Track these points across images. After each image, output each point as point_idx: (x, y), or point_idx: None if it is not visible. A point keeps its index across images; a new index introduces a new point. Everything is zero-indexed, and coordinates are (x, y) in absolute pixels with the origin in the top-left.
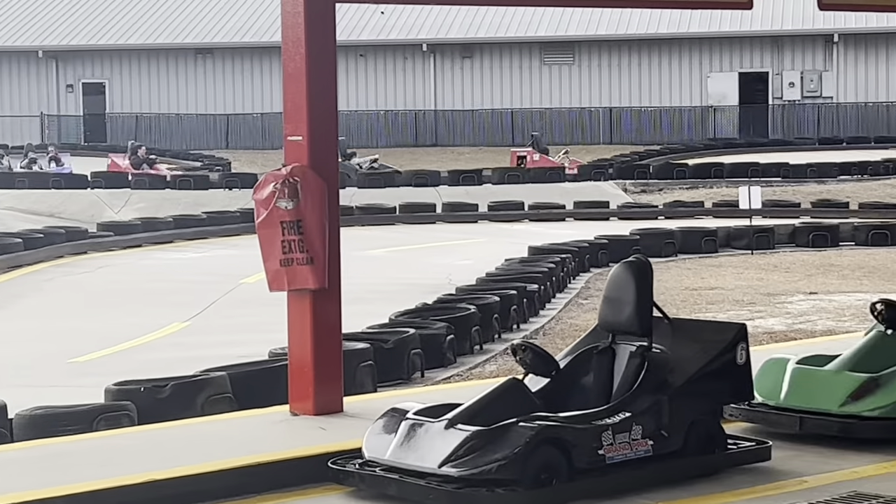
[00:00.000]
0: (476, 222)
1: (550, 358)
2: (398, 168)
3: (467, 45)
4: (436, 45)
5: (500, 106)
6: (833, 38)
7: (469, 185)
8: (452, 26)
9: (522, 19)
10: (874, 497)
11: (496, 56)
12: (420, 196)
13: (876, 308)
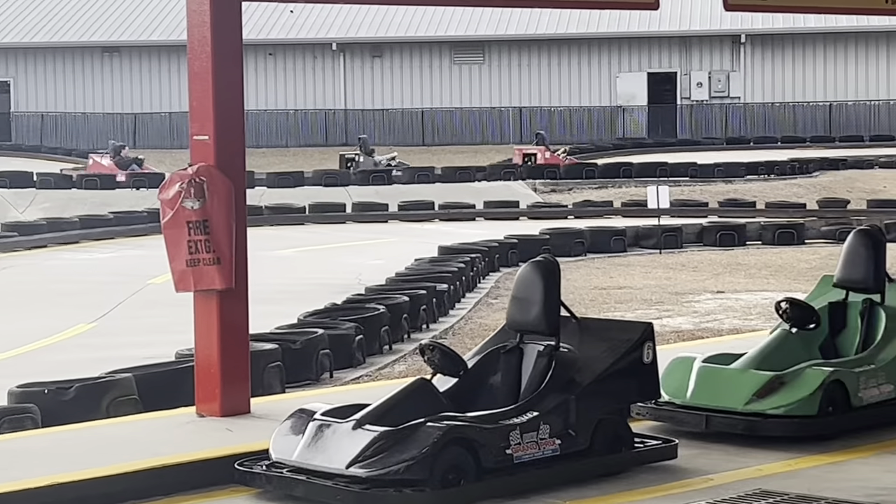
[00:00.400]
0: (386, 222)
1: (458, 358)
2: (303, 168)
3: (377, 44)
4: (345, 44)
5: (410, 105)
6: (740, 38)
7: (379, 185)
8: (362, 25)
9: (433, 19)
10: (778, 494)
11: (406, 55)
12: (330, 196)
13: (781, 307)
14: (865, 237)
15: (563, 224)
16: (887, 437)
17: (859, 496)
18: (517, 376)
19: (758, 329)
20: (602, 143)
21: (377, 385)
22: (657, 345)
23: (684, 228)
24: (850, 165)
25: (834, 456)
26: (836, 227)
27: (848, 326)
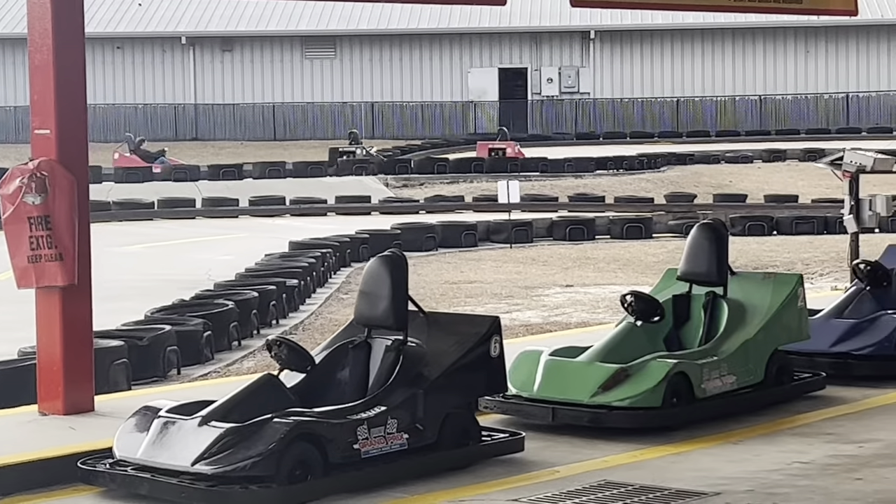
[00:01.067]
0: (237, 217)
1: (305, 353)
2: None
3: (227, 38)
4: (195, 37)
5: (261, 100)
6: (589, 34)
7: (230, 180)
8: (212, 19)
9: (283, 13)
10: (623, 485)
11: (257, 50)
12: (179, 191)
13: (626, 300)
14: (708, 231)
15: (414, 219)
16: (730, 428)
17: (702, 486)
18: (365, 371)
19: (605, 322)
20: (454, 139)
21: (225, 381)
22: (506, 339)
23: (534, 223)
24: (697, 160)
25: (678, 447)
26: (683, 221)
27: (691, 319)
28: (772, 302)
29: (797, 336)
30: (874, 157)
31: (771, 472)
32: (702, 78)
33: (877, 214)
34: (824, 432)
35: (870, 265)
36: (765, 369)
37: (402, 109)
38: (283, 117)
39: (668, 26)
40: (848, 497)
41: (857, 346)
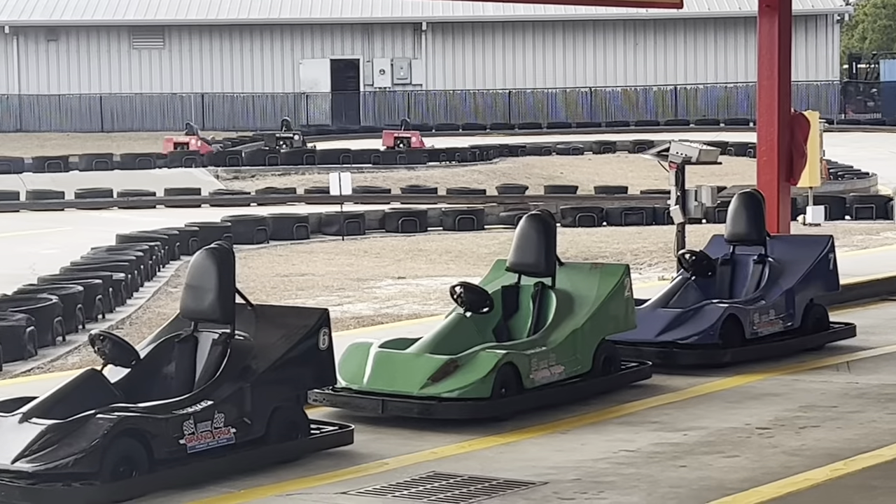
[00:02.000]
0: (63, 210)
1: (130, 347)
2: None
3: (52, 27)
4: (19, 26)
5: (88, 91)
6: (421, 26)
7: (55, 172)
8: (36, 7)
9: (110, 2)
10: (451, 476)
11: (83, 39)
12: (2, 183)
13: (455, 291)
14: (536, 222)
15: (245, 211)
16: (558, 417)
17: (530, 476)
18: (192, 365)
19: (436, 314)
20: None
21: (48, 377)
22: (336, 331)
23: (367, 215)
24: (529, 152)
25: (506, 437)
26: (515, 212)
27: (520, 309)
28: (599, 292)
29: (624, 326)
30: (699, 148)
31: (597, 461)
32: (533, 70)
33: (702, 205)
34: (650, 421)
35: (695, 255)
36: (592, 359)
37: (233, 101)
38: (111, 108)
39: (499, 18)
40: (672, 484)
41: (682, 336)
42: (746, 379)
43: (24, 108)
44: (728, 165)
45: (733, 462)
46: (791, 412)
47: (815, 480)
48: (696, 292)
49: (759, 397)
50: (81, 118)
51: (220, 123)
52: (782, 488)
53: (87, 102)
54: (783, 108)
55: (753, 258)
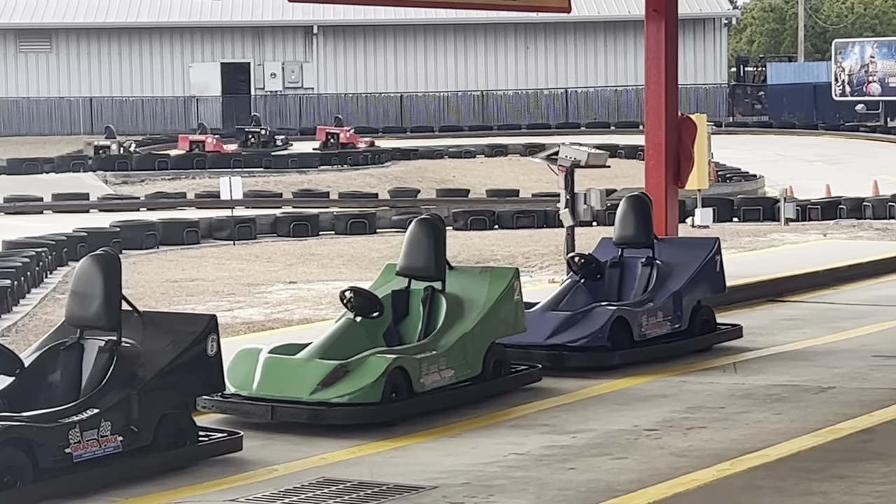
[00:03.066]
0: None
1: (13, 355)
2: None
3: None
4: None
5: None
6: (312, 29)
7: None
8: None
9: None
10: (341, 482)
11: None
12: None
13: (346, 296)
14: (426, 226)
15: (135, 216)
16: (448, 421)
17: (420, 481)
18: (78, 373)
19: (328, 318)
20: (175, 133)
21: None
22: (226, 336)
23: (258, 219)
24: (421, 156)
25: (397, 441)
26: (407, 216)
27: (410, 313)
28: (489, 296)
29: (514, 329)
30: (588, 152)
31: (487, 465)
32: (425, 73)
33: (592, 208)
34: (540, 423)
35: (584, 258)
36: (482, 362)
37: (122, 104)
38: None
39: (391, 21)
40: (560, 487)
41: (572, 338)
42: (635, 381)
43: None
44: (618, 168)
45: (621, 464)
46: (678, 413)
47: (702, 481)
48: (585, 295)
49: (648, 399)
50: None
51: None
52: (670, 489)
53: None
54: (670, 112)
55: (642, 261)
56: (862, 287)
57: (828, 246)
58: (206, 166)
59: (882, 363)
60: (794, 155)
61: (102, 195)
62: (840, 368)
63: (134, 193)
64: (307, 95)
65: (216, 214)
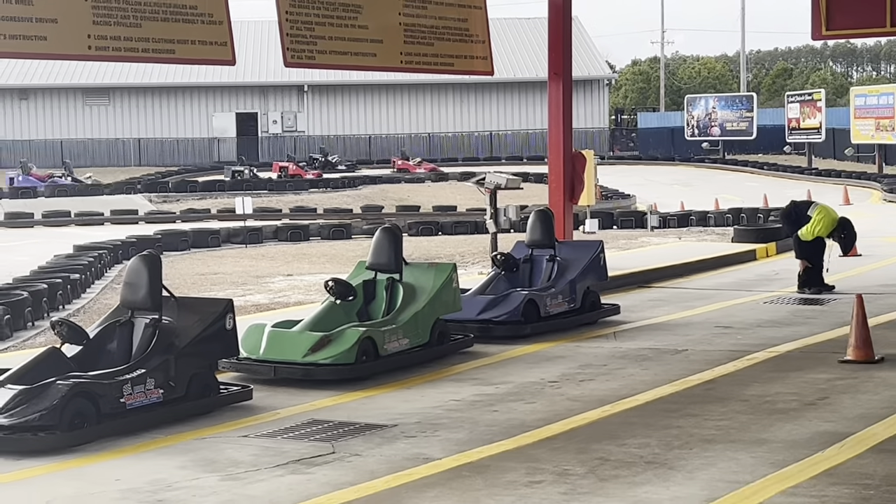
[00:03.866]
0: (33, 227)
1: (82, 330)
2: None
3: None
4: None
5: (52, 136)
6: (304, 87)
7: (26, 198)
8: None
9: (69, 69)
10: (326, 421)
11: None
12: None
13: (328, 285)
14: (388, 233)
15: (172, 227)
16: (404, 377)
17: (384, 420)
18: (129, 343)
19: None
20: (202, 165)
21: (21, 353)
22: (239, 315)
23: (264, 228)
24: (385, 181)
25: (367, 392)
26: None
27: (376, 297)
28: (434, 284)
29: (453, 308)
30: (507, 177)
31: (434, 408)
32: (387, 119)
33: (509, 219)
34: (472, 378)
35: (504, 256)
36: (430, 333)
37: (162, 144)
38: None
39: (362, 82)
40: (487, 424)
41: (495, 315)
42: (541, 346)
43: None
44: (529, 190)
45: (532, 407)
46: (573, 370)
47: (590, 419)
48: (505, 283)
49: (551, 359)
50: (45, 157)
51: (153, 161)
52: (567, 425)
53: (51, 146)
54: (567, 148)
55: (546, 258)
56: (707, 276)
57: (682, 246)
58: (225, 189)
59: (721, 332)
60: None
61: (148, 211)
62: (691, 336)
63: (171, 210)
64: (300, 136)
65: (232, 225)
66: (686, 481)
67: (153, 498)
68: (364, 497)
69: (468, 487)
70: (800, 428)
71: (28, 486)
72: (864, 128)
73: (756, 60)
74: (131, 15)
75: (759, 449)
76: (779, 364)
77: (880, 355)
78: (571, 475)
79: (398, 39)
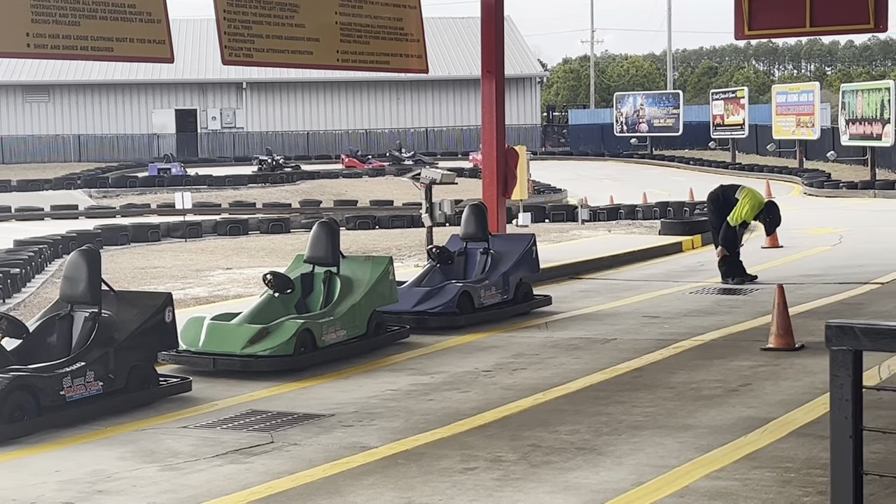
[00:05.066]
0: None
1: (21, 324)
2: None
3: None
4: None
5: None
6: (242, 84)
7: None
8: None
9: (8, 66)
10: (264, 412)
11: None
12: None
13: (267, 278)
14: (325, 227)
15: (112, 221)
16: (342, 368)
17: (322, 410)
18: (69, 336)
19: (254, 295)
20: (142, 161)
21: None
22: (178, 308)
23: (203, 223)
24: (322, 176)
25: (305, 383)
26: (313, 219)
27: (314, 290)
28: (371, 276)
29: (389, 300)
30: (442, 173)
31: (370, 398)
32: (325, 116)
33: (444, 213)
34: (408, 368)
35: (439, 249)
36: (367, 325)
37: (102, 139)
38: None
39: (300, 79)
40: (423, 413)
41: (431, 306)
42: (476, 336)
43: None
44: (464, 185)
45: (466, 395)
46: (507, 359)
47: (523, 406)
48: (440, 275)
49: (485, 349)
50: None
51: (93, 157)
52: (500, 413)
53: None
54: (500, 144)
55: (480, 250)
56: (635, 268)
57: (611, 239)
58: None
59: (649, 321)
60: (587, 175)
61: (88, 206)
62: (620, 325)
63: (112, 205)
64: (239, 133)
65: (172, 219)
66: (615, 466)
67: (93, 489)
68: (302, 485)
69: (404, 475)
70: (724, 413)
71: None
72: (786, 124)
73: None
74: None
75: (684, 434)
76: (703, 352)
77: (801, 343)
78: (504, 461)
79: (334, 38)
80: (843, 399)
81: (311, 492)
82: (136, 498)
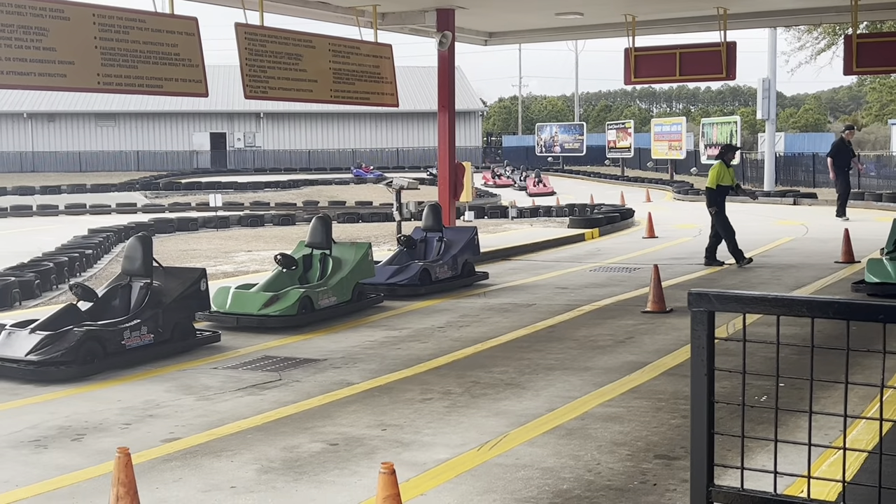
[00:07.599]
0: (57, 216)
1: (92, 291)
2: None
3: (52, 114)
4: (32, 113)
5: (71, 149)
6: (261, 114)
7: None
8: (43, 101)
9: (85, 98)
10: (275, 357)
11: (73, 121)
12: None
13: (277, 258)
14: (321, 220)
15: (162, 215)
16: (332, 325)
17: (318, 356)
18: (128, 300)
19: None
20: (185, 171)
21: (47, 309)
22: (210, 280)
23: (230, 217)
24: (320, 183)
25: (305, 336)
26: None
27: (313, 267)
28: (355, 257)
29: (368, 275)
30: (408, 180)
31: (353, 347)
32: (323, 138)
33: (410, 211)
34: (382, 325)
35: (406, 237)
36: (351, 293)
37: (154, 155)
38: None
39: (303, 111)
40: (393, 358)
41: (399, 279)
42: (432, 302)
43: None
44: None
45: (425, 346)
46: (455, 319)
47: (467, 353)
48: (406, 257)
49: (439, 311)
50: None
51: (148, 167)
52: (450, 358)
53: (73, 156)
54: (451, 160)
55: (436, 238)
56: (550, 252)
57: (533, 231)
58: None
59: (560, 291)
60: None
61: (144, 204)
62: (539, 294)
63: (162, 203)
64: (258, 150)
65: (207, 214)
66: (534, 397)
67: (145, 413)
68: (302, 411)
69: (378, 403)
70: (613, 359)
71: (53, 405)
72: (661, 147)
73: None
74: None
75: (585, 374)
76: (600, 314)
77: (670, 307)
78: (452, 394)
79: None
80: (700, 347)
81: (309, 416)
82: (178, 420)
